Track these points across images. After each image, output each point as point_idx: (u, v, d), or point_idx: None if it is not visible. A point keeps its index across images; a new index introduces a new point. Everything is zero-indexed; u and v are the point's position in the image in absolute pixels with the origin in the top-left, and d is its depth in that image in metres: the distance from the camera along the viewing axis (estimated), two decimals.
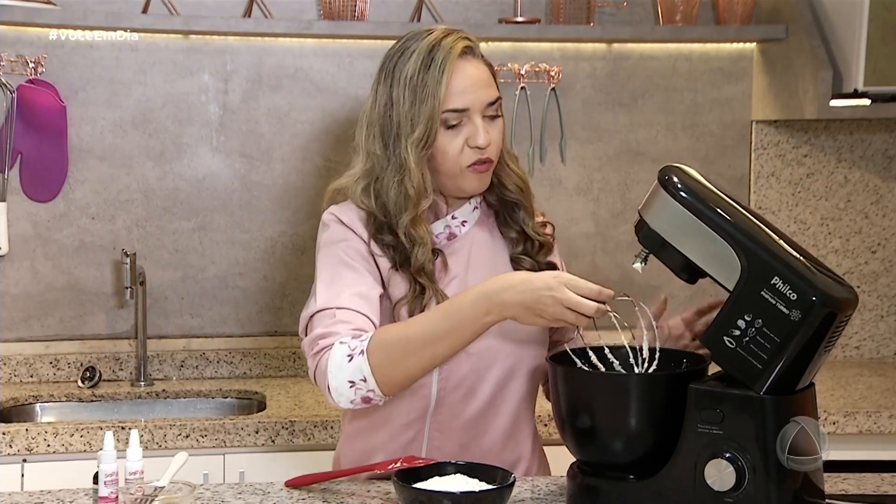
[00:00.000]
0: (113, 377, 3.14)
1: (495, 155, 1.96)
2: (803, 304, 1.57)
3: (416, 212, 1.92)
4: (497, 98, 1.96)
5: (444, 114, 1.91)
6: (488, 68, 1.99)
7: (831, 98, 3.02)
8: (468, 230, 2.02)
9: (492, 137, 1.94)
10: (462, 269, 1.99)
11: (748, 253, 1.61)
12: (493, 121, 1.95)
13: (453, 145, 1.93)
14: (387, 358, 1.80)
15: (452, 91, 1.91)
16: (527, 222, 2.03)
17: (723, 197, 1.68)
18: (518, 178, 2.03)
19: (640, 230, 1.73)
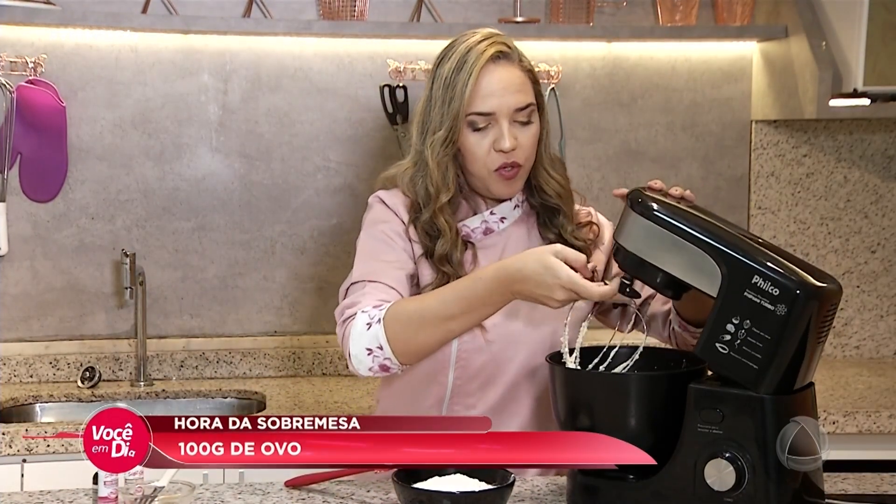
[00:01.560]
0: (113, 377, 3.14)
1: (524, 160, 1.98)
2: (787, 297, 1.58)
3: (435, 207, 1.97)
4: (528, 104, 1.97)
5: (470, 116, 1.95)
6: (526, 74, 2.00)
7: (831, 98, 3.02)
8: (506, 227, 2.05)
9: (520, 142, 1.96)
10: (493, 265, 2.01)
11: (725, 257, 1.62)
12: (523, 126, 1.97)
13: (480, 147, 1.96)
14: (402, 329, 1.85)
15: (478, 94, 1.95)
16: (565, 227, 2.05)
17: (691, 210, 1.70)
18: (558, 184, 2.04)
19: (618, 254, 1.75)
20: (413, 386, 2.02)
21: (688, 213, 1.70)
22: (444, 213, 1.98)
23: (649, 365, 1.83)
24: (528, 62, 2.03)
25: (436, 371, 1.99)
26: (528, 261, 1.77)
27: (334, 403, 2.92)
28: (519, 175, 1.99)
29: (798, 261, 1.65)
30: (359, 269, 1.98)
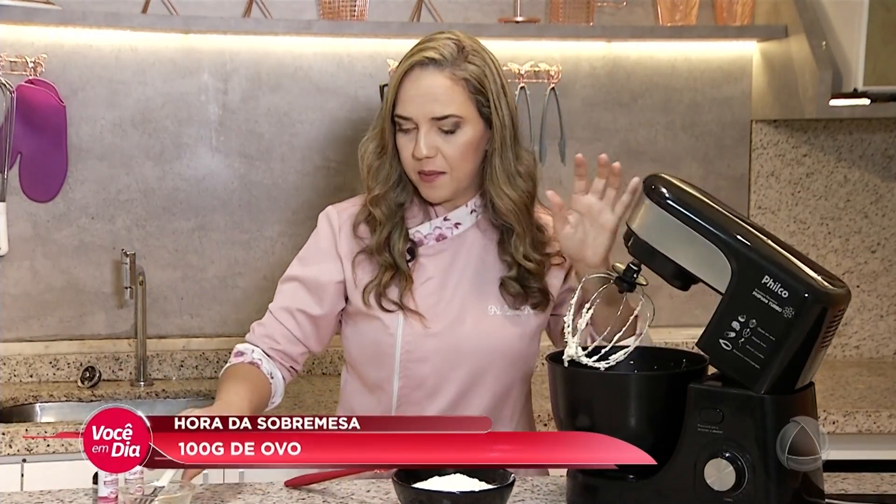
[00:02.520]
0: (112, 377, 3.14)
1: (448, 167, 1.97)
2: (795, 300, 1.57)
3: (367, 199, 2.03)
4: (448, 115, 1.95)
5: (396, 118, 1.99)
6: (459, 83, 1.96)
7: (831, 98, 3.02)
8: (462, 233, 2.05)
9: (443, 151, 1.96)
10: (441, 271, 2.04)
11: (737, 254, 1.62)
12: (448, 135, 1.96)
13: (405, 149, 2.00)
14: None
15: (401, 98, 1.98)
16: (517, 248, 2.02)
17: (708, 201, 1.69)
18: (511, 201, 2.00)
19: (629, 240, 1.74)
20: (364, 392, 2.08)
21: (704, 204, 1.68)
22: (380, 206, 2.02)
23: (649, 365, 1.82)
24: (472, 71, 1.97)
25: (381, 380, 2.03)
26: None
27: (334, 403, 2.91)
28: (442, 182, 1.98)
29: (810, 262, 1.64)
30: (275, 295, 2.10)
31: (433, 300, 2.02)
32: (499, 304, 2.03)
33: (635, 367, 1.81)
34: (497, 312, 2.03)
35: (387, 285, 2.01)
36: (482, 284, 2.03)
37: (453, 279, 2.03)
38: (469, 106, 1.97)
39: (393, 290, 2.01)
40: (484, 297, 2.03)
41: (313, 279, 2.06)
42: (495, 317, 2.02)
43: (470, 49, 1.99)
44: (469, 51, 1.98)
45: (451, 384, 2.01)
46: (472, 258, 2.05)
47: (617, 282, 1.78)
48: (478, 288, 2.03)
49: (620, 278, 1.77)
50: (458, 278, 2.03)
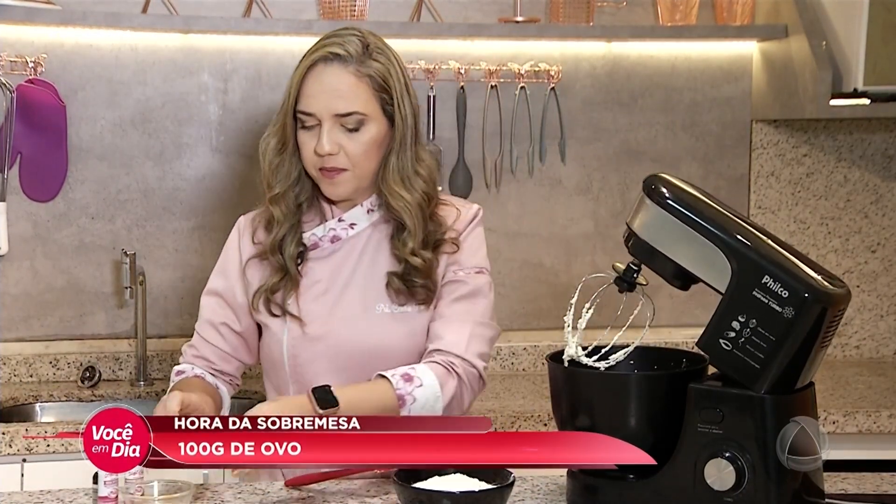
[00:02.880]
0: (113, 377, 3.14)
1: (350, 165, 1.97)
2: (795, 300, 1.57)
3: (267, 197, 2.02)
4: (351, 112, 1.95)
5: (298, 114, 1.98)
6: (363, 80, 1.96)
7: (831, 97, 3.02)
8: (357, 233, 2.05)
9: (346, 149, 1.96)
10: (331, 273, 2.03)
11: (737, 254, 1.62)
12: (351, 132, 1.96)
13: (307, 147, 1.99)
14: None
15: (303, 94, 1.98)
16: (406, 243, 2.00)
17: (708, 201, 1.69)
18: (403, 199, 1.99)
19: (630, 241, 1.74)
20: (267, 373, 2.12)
21: (704, 204, 1.68)
22: (279, 205, 2.01)
23: (649, 365, 1.82)
24: (376, 68, 1.97)
25: (280, 387, 2.07)
26: None
27: None
28: (344, 178, 1.98)
29: (810, 262, 1.65)
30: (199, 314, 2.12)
31: (318, 303, 2.02)
32: (386, 302, 2.02)
33: (635, 367, 1.81)
34: (385, 310, 2.01)
35: (274, 289, 2.01)
36: (372, 283, 2.02)
37: (341, 280, 2.02)
38: (373, 103, 1.97)
39: (279, 294, 2.01)
40: (373, 295, 2.02)
41: (229, 293, 2.08)
42: (382, 315, 2.01)
43: (374, 46, 1.99)
44: (374, 48, 1.98)
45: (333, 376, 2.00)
46: (364, 258, 2.04)
47: (617, 282, 1.78)
48: (367, 287, 2.02)
49: (620, 278, 1.77)
50: (346, 279, 2.02)
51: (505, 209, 3.32)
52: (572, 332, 1.78)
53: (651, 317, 1.78)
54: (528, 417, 2.77)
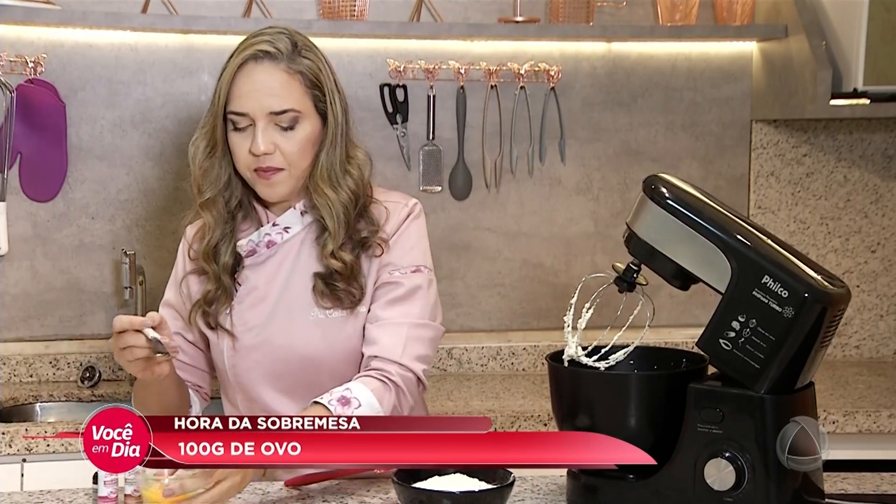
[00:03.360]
0: (113, 377, 3.14)
1: (286, 164, 1.94)
2: (795, 300, 1.58)
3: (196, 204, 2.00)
4: (286, 110, 1.92)
5: (229, 115, 1.94)
6: (296, 77, 1.94)
7: (831, 97, 3.02)
8: (291, 237, 2.01)
9: (281, 147, 1.92)
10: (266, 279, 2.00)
11: (737, 254, 1.62)
12: (285, 131, 1.92)
13: (240, 148, 1.94)
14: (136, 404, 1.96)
15: (234, 94, 1.93)
16: (326, 245, 1.96)
17: (708, 201, 1.70)
18: (328, 200, 1.96)
19: (630, 241, 1.74)
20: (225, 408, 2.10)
21: (704, 204, 1.69)
22: (210, 211, 1.98)
23: (649, 365, 1.83)
24: (307, 65, 1.95)
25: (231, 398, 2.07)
26: None
27: None
28: (280, 178, 1.94)
29: (810, 262, 1.65)
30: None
31: (256, 311, 1.99)
32: (320, 307, 1.98)
33: (635, 367, 1.81)
34: (319, 316, 1.98)
35: (209, 302, 1.98)
36: (303, 288, 1.99)
37: (277, 287, 1.99)
38: (306, 101, 1.94)
39: (214, 307, 1.99)
40: (305, 300, 1.98)
41: (179, 304, 2.06)
42: (317, 321, 1.97)
43: (303, 44, 1.97)
44: (302, 46, 1.96)
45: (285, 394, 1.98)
46: (298, 263, 2.00)
47: (617, 282, 1.78)
48: (299, 292, 1.99)
49: (620, 278, 1.77)
50: (282, 285, 1.99)
51: (505, 209, 3.32)
52: (572, 332, 1.78)
53: (651, 317, 1.79)
54: (528, 417, 2.77)
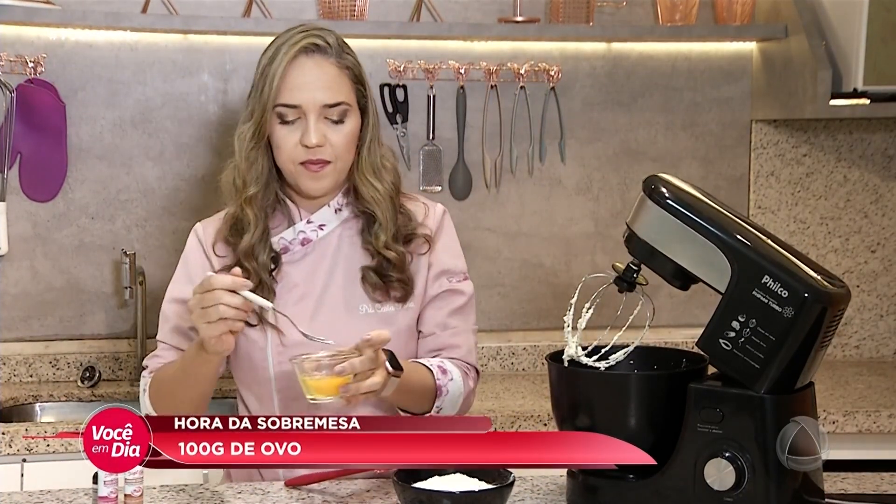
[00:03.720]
0: (112, 377, 3.14)
1: (334, 157, 1.95)
2: (795, 300, 1.58)
3: (240, 199, 1.97)
4: (339, 102, 1.94)
5: (278, 108, 1.94)
6: (344, 71, 1.96)
7: (831, 97, 3.02)
8: (327, 234, 2.02)
9: (331, 140, 1.94)
10: (307, 276, 2.00)
11: (737, 254, 1.62)
12: (335, 125, 1.94)
13: (287, 141, 1.95)
14: (156, 398, 1.95)
15: (286, 86, 1.93)
16: (378, 237, 1.99)
17: (708, 201, 1.70)
18: (375, 191, 1.99)
19: (630, 241, 1.74)
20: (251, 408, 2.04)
21: (704, 204, 1.69)
22: (252, 206, 1.97)
23: (649, 365, 1.83)
24: (351, 60, 1.98)
25: (261, 395, 2.01)
26: None
27: None
28: (327, 171, 1.95)
29: (810, 262, 1.65)
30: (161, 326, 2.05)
31: (298, 308, 1.97)
32: (368, 302, 2.00)
33: (635, 367, 1.81)
34: (369, 311, 1.99)
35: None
36: (349, 283, 2.00)
37: (320, 283, 1.99)
38: (352, 95, 1.97)
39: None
40: (353, 296, 1.99)
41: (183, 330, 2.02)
42: (367, 316, 1.99)
43: (343, 42, 2.00)
44: (342, 43, 1.99)
45: None
46: (339, 258, 2.01)
47: (617, 282, 1.78)
48: (345, 288, 1.99)
49: (620, 278, 1.77)
50: (325, 281, 2.00)
51: (505, 209, 3.32)
52: (572, 332, 1.78)
53: (651, 317, 1.79)
54: (528, 417, 2.77)
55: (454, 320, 2.04)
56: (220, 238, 2.02)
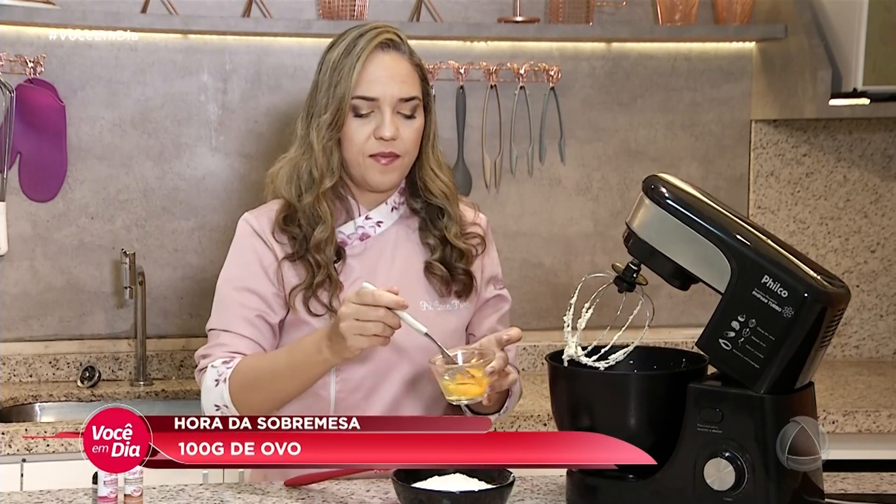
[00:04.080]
0: (112, 377, 3.14)
1: (403, 151, 1.97)
2: (795, 300, 1.58)
3: (318, 191, 1.97)
4: (412, 97, 1.96)
5: (354, 100, 1.95)
6: (415, 68, 1.99)
7: (830, 97, 3.02)
8: (384, 231, 2.04)
9: (402, 134, 1.96)
10: (368, 270, 2.00)
11: (737, 254, 1.62)
12: (406, 119, 1.97)
13: (360, 133, 1.96)
14: (240, 388, 1.90)
15: (364, 79, 1.95)
16: (449, 229, 2.03)
17: (708, 201, 1.69)
18: (444, 184, 2.03)
19: (629, 240, 1.74)
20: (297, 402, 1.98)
21: (704, 204, 1.69)
22: (327, 199, 1.98)
23: (649, 365, 1.83)
24: (418, 58, 2.02)
25: (317, 385, 1.97)
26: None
27: None
28: (396, 165, 1.97)
29: (810, 262, 1.65)
30: (216, 313, 2.00)
31: None
32: (428, 299, 2.02)
33: (635, 367, 1.81)
34: (429, 308, 2.01)
35: (317, 288, 1.96)
36: (409, 279, 2.01)
37: (380, 277, 1.99)
38: (421, 92, 2.00)
39: (322, 293, 1.96)
40: (413, 292, 1.99)
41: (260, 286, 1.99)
42: (427, 313, 1.99)
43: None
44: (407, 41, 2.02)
45: (390, 385, 1.98)
46: (397, 254, 2.03)
47: (616, 281, 1.78)
48: (406, 283, 1.98)
49: (620, 278, 1.77)
50: (385, 276, 2.00)
51: (505, 209, 3.32)
52: (572, 332, 1.78)
53: (651, 317, 1.79)
54: (528, 417, 2.77)
55: (501, 326, 2.08)
56: (277, 227, 2.01)
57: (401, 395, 1.99)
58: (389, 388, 1.98)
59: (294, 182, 2.00)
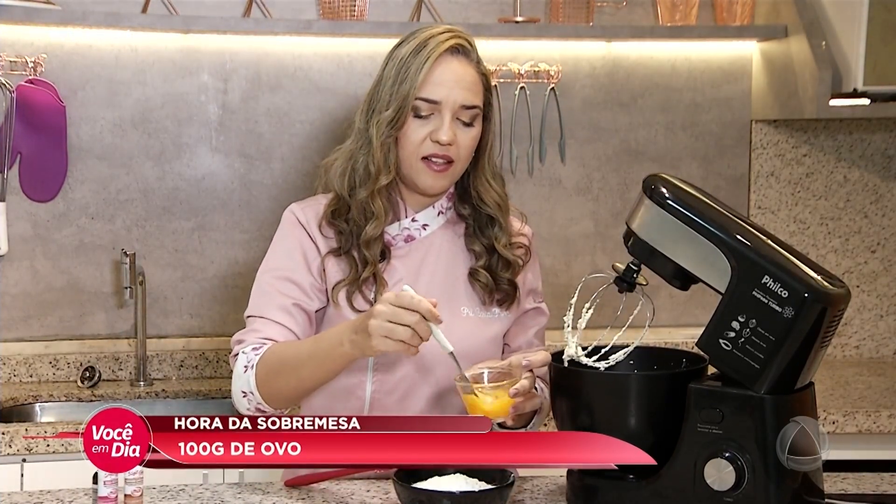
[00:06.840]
0: (112, 377, 3.14)
1: (457, 157, 1.96)
2: (795, 300, 1.58)
3: (374, 187, 1.96)
4: (474, 105, 1.95)
5: (417, 101, 1.94)
6: (481, 77, 1.98)
7: (831, 97, 3.02)
8: (429, 234, 2.03)
9: (458, 140, 1.95)
10: (412, 272, 2.00)
11: (737, 254, 1.62)
12: (465, 126, 1.96)
13: (417, 133, 1.95)
14: (266, 375, 1.88)
15: (430, 80, 1.94)
16: (499, 238, 2.03)
17: (708, 201, 1.69)
18: (498, 195, 2.03)
19: (630, 241, 1.74)
20: (331, 401, 1.99)
21: (704, 204, 1.69)
22: (381, 196, 1.97)
23: (649, 365, 1.83)
24: (485, 67, 2.00)
25: (353, 385, 1.97)
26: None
27: None
28: (449, 172, 1.96)
29: (810, 262, 1.65)
30: (253, 300, 2.00)
31: None
32: (470, 305, 2.01)
33: (635, 367, 1.81)
34: (469, 314, 2.01)
35: (361, 284, 1.96)
36: (453, 284, 2.01)
37: (424, 280, 1.99)
38: (483, 101, 1.99)
39: (367, 290, 1.96)
40: (455, 297, 2.00)
41: (300, 276, 1.98)
42: (468, 319, 2.00)
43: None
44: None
45: (425, 388, 1.98)
46: (441, 258, 2.02)
47: (617, 282, 1.78)
48: (449, 288, 2.00)
49: (620, 278, 1.77)
50: (428, 279, 2.00)
51: None
52: (572, 332, 1.78)
53: (651, 317, 1.79)
54: None
55: (538, 340, 2.09)
56: (324, 220, 2.01)
57: (434, 401, 1.98)
58: (426, 389, 1.97)
59: (348, 175, 2.00)
